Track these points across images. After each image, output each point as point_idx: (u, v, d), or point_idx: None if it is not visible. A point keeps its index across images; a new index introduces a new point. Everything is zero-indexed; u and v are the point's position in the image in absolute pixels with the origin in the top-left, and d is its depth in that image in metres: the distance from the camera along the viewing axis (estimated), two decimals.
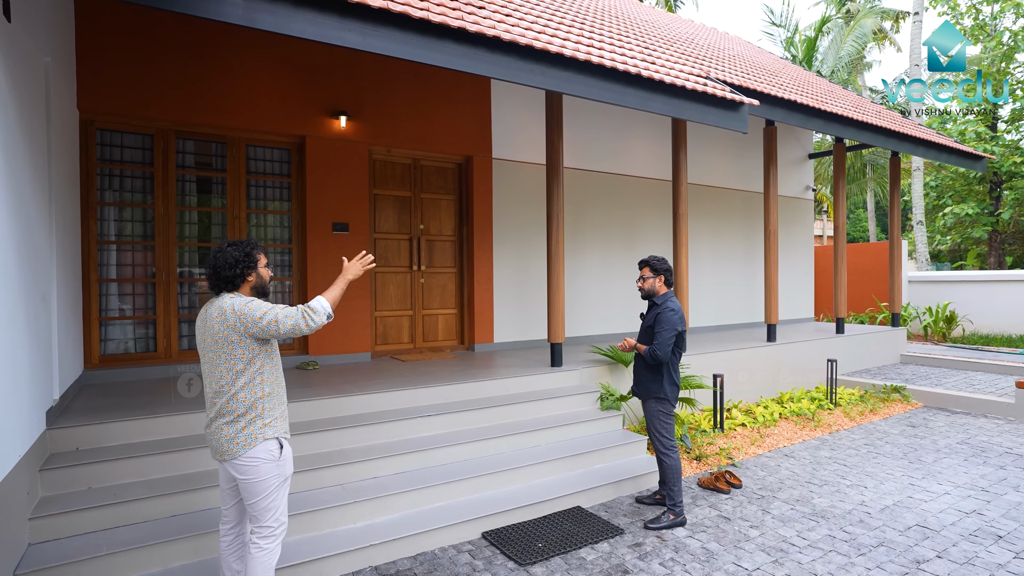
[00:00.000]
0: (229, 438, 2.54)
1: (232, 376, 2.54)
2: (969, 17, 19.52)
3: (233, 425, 2.54)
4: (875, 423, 6.67)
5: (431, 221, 7.14)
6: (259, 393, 2.59)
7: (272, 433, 2.61)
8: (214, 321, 2.53)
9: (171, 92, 5.42)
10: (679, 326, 3.96)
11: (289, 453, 2.69)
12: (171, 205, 5.60)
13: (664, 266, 4.14)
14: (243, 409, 2.55)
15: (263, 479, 2.57)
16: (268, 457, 2.57)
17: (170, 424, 3.94)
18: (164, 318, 5.57)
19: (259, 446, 2.55)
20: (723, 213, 9.74)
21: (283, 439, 2.67)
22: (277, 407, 2.67)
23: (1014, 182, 17.16)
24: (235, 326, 2.51)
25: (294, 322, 2.54)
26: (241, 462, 2.53)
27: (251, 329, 2.51)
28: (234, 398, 2.55)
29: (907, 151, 8.47)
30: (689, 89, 5.07)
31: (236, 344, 2.53)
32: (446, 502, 4.02)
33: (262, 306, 2.55)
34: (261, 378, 2.60)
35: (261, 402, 2.59)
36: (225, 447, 2.55)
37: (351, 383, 5.09)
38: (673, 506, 3.99)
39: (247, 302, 2.54)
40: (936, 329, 11.93)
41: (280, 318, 2.53)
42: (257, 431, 2.57)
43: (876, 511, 4.20)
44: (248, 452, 2.53)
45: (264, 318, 2.51)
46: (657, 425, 4.08)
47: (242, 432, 2.54)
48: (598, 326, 8.24)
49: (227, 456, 2.54)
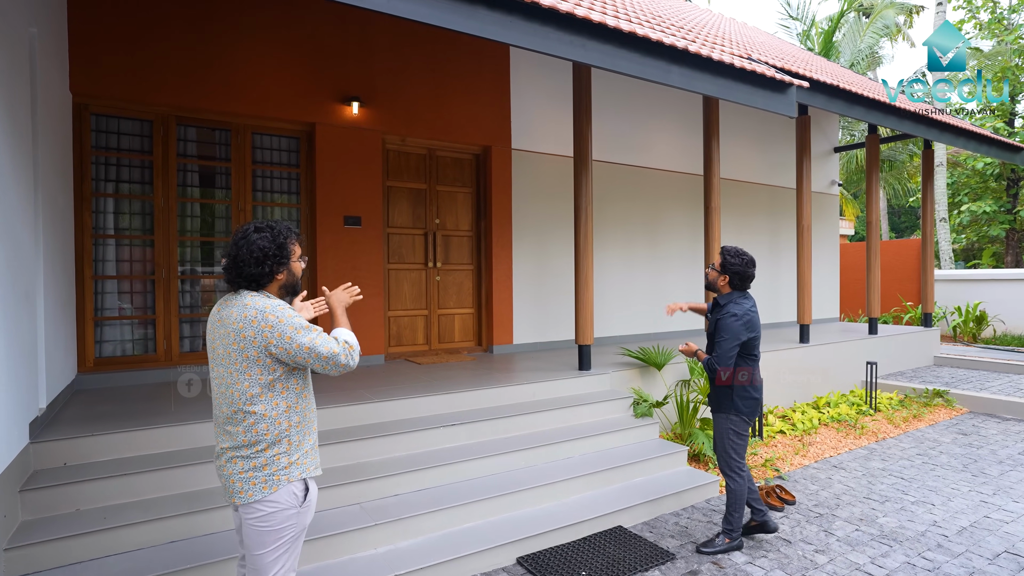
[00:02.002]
0: (244, 476, 2.03)
1: (248, 399, 2.03)
2: (986, 11, 19.09)
3: (249, 461, 2.04)
4: (922, 430, 6.24)
5: (447, 215, 6.74)
6: (285, 423, 2.08)
7: (299, 473, 2.10)
8: (232, 328, 2.01)
9: (172, 75, 5.03)
10: (743, 334, 3.42)
11: (315, 495, 2.18)
12: (171, 196, 5.20)
13: (735, 267, 3.48)
14: (264, 444, 2.04)
15: (276, 528, 2.05)
16: (289, 504, 2.07)
17: (170, 436, 3.54)
18: (164, 318, 5.17)
19: (281, 490, 2.05)
20: (748, 208, 9.32)
21: (311, 480, 2.16)
22: (307, 438, 2.16)
23: None
24: (255, 339, 2.00)
25: (331, 351, 2.03)
26: (256, 505, 2.03)
27: (276, 347, 2.00)
28: (252, 428, 2.03)
29: (947, 141, 8.04)
30: (737, 68, 4.65)
31: (253, 362, 2.02)
32: (475, 523, 3.61)
33: (295, 321, 2.02)
34: (287, 403, 2.09)
35: (287, 434, 2.08)
36: (238, 487, 2.03)
37: (366, 388, 4.69)
38: (730, 530, 3.55)
39: (278, 311, 2.01)
40: (966, 330, 11.48)
41: (319, 346, 2.01)
42: (280, 471, 2.05)
43: (953, 533, 3.78)
44: (268, 496, 2.03)
45: (296, 339, 1.99)
46: (724, 443, 3.55)
47: (261, 470, 2.03)
48: (620, 327, 7.83)
49: (239, 499, 2.03)
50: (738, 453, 3.52)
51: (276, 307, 2.04)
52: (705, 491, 4.37)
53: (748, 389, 3.49)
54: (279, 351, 2.01)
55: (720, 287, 3.58)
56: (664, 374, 5.68)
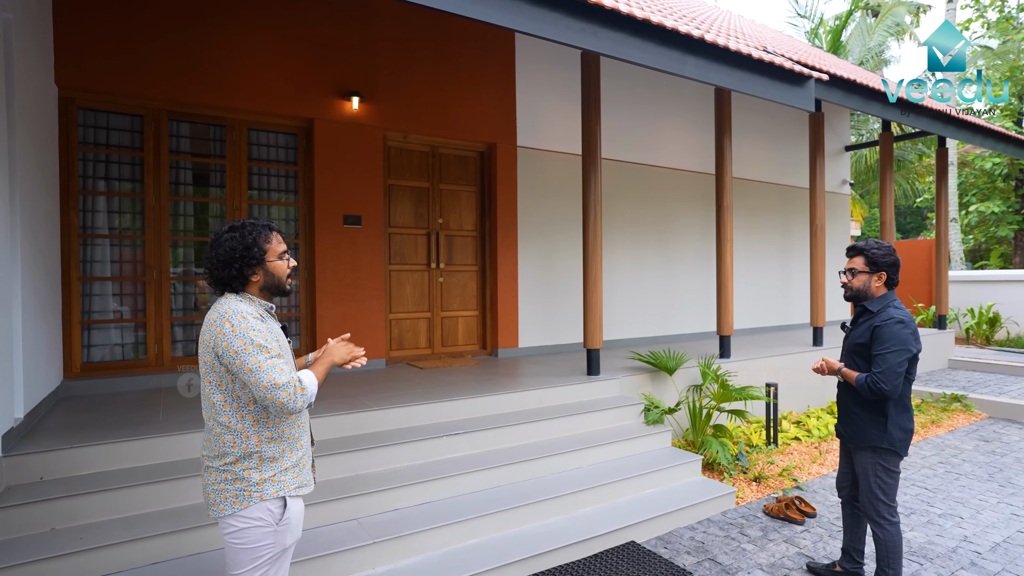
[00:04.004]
0: (216, 488, 1.88)
1: (212, 406, 1.89)
2: (994, 10, 18.85)
3: (221, 473, 1.88)
4: (942, 437, 6.01)
5: (451, 214, 6.53)
6: (254, 438, 1.90)
7: (275, 491, 1.91)
8: (202, 331, 1.92)
9: (163, 69, 4.83)
10: (913, 346, 2.77)
11: (297, 514, 2.00)
12: (163, 194, 5.00)
13: (888, 259, 2.90)
14: (232, 457, 1.88)
15: (251, 547, 1.88)
16: (264, 521, 1.90)
17: (156, 447, 3.34)
18: (155, 321, 4.97)
19: (253, 507, 1.88)
20: (758, 208, 9.10)
21: (291, 497, 1.97)
22: (288, 455, 1.97)
23: None
24: (210, 344, 1.86)
25: (273, 383, 1.79)
26: (228, 520, 1.88)
27: (222, 357, 1.84)
28: (219, 439, 1.88)
29: (964, 138, 7.82)
30: (755, 59, 4.44)
31: (210, 368, 1.89)
32: (480, 539, 3.40)
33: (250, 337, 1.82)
34: (255, 417, 1.91)
35: (258, 450, 1.91)
36: (211, 498, 1.89)
37: (365, 395, 4.49)
38: None
39: (236, 320, 1.83)
40: (979, 332, 11.23)
41: (262, 372, 1.79)
42: (252, 487, 1.88)
43: (986, 550, 3.56)
44: (238, 512, 1.87)
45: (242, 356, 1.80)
46: (874, 484, 2.87)
47: (232, 484, 1.87)
48: (629, 329, 7.62)
49: (212, 511, 1.89)
50: (888, 495, 2.87)
51: (237, 314, 1.86)
52: (721, 503, 4.15)
53: (904, 417, 2.86)
54: (226, 363, 1.85)
55: (875, 290, 2.94)
56: (676, 379, 5.47)
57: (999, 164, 17.26)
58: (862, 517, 3.10)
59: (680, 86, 7.85)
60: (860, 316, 3.01)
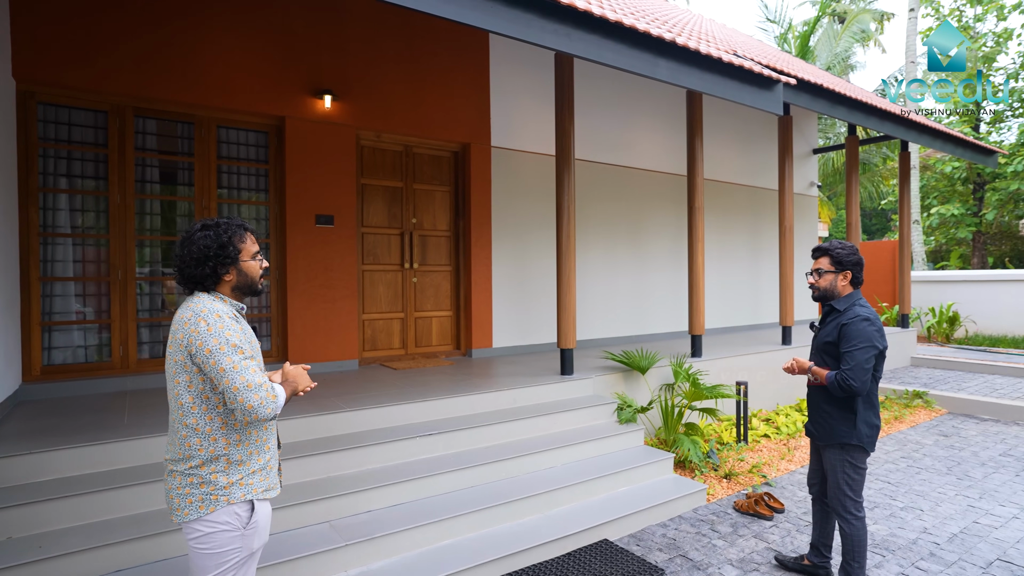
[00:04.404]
0: (180, 493, 1.84)
1: (180, 408, 1.85)
2: (953, 19, 19.52)
3: (186, 477, 1.85)
4: (905, 432, 6.20)
5: (424, 214, 6.50)
6: (222, 440, 1.87)
7: (243, 495, 1.89)
8: (172, 329, 1.87)
9: (129, 63, 4.71)
10: (879, 342, 2.84)
11: (265, 517, 1.97)
12: (129, 193, 4.88)
13: (853, 258, 2.99)
14: (198, 460, 1.85)
15: (217, 552, 1.85)
16: (231, 526, 1.87)
17: (121, 451, 3.26)
18: (120, 322, 4.84)
19: (220, 511, 1.85)
20: (729, 209, 9.26)
21: (259, 500, 1.94)
22: (255, 457, 1.95)
23: (997, 183, 17.13)
24: (183, 343, 1.82)
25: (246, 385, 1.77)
26: (193, 525, 1.84)
27: (195, 356, 1.81)
28: (185, 442, 1.85)
29: (925, 143, 8.08)
30: (725, 62, 4.52)
31: (181, 367, 1.84)
32: (454, 539, 3.40)
33: (225, 337, 1.80)
34: (224, 419, 1.88)
35: (225, 452, 1.88)
36: (175, 503, 1.85)
37: (338, 396, 4.44)
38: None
39: (212, 319, 1.81)
40: (940, 330, 11.62)
41: (236, 373, 1.77)
42: (219, 491, 1.85)
43: (944, 541, 3.69)
44: (204, 517, 1.84)
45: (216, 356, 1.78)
46: (842, 480, 2.95)
47: (198, 488, 1.84)
48: (602, 329, 7.68)
49: (176, 516, 1.85)
50: (855, 491, 2.95)
51: (212, 314, 1.83)
52: (692, 500, 4.22)
53: (872, 414, 2.94)
54: (199, 362, 1.81)
55: (841, 289, 3.02)
56: (648, 378, 5.53)
57: (958, 168, 17.88)
58: (831, 513, 3.17)
59: (653, 88, 7.95)
60: (828, 315, 3.08)
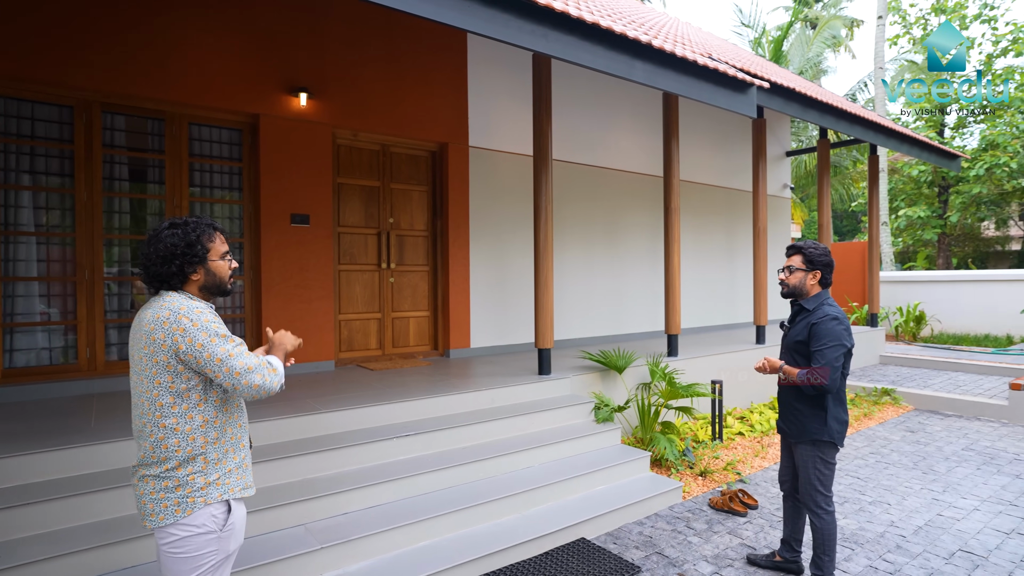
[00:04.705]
0: (155, 497, 1.80)
1: (157, 409, 1.81)
2: (918, 27, 20.11)
3: (161, 480, 1.81)
4: (873, 429, 6.36)
5: (402, 214, 6.46)
6: (201, 439, 1.85)
7: (219, 495, 1.86)
8: (145, 330, 1.80)
9: (96, 57, 4.59)
10: (847, 341, 2.91)
11: (241, 519, 1.95)
12: (96, 190, 4.75)
13: (824, 259, 3.04)
14: (176, 461, 1.81)
15: (193, 555, 1.81)
16: (207, 528, 1.83)
17: (87, 456, 3.17)
18: (87, 323, 4.72)
19: (197, 513, 1.82)
20: (704, 210, 9.40)
21: (235, 500, 1.92)
22: (230, 456, 1.93)
23: (960, 186, 17.69)
24: (164, 343, 1.78)
25: (245, 367, 1.81)
26: (168, 529, 1.80)
27: (185, 353, 1.78)
28: (162, 443, 1.81)
29: (893, 147, 8.30)
30: (700, 65, 4.58)
31: (164, 368, 1.80)
32: (431, 540, 3.38)
33: (211, 328, 1.81)
34: (204, 417, 1.86)
35: (203, 451, 1.85)
36: (149, 508, 1.81)
37: (314, 398, 4.39)
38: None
39: (195, 315, 1.80)
40: (907, 329, 11.95)
41: (234, 359, 1.80)
42: (196, 492, 1.82)
43: (910, 533, 3.79)
44: (180, 520, 1.80)
45: (209, 348, 1.78)
46: (812, 475, 3.01)
47: (174, 491, 1.80)
48: (580, 329, 7.73)
49: (150, 522, 1.81)
50: (825, 485, 3.01)
51: (193, 309, 1.82)
52: (669, 498, 4.27)
53: (841, 410, 3.01)
54: (189, 359, 1.79)
55: (810, 288, 3.08)
56: (625, 377, 5.58)
57: (924, 171, 18.40)
58: (802, 509, 3.24)
59: (630, 90, 8.03)
60: (797, 315, 3.14)
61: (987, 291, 11.56)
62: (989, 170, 16.35)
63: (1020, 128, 16.60)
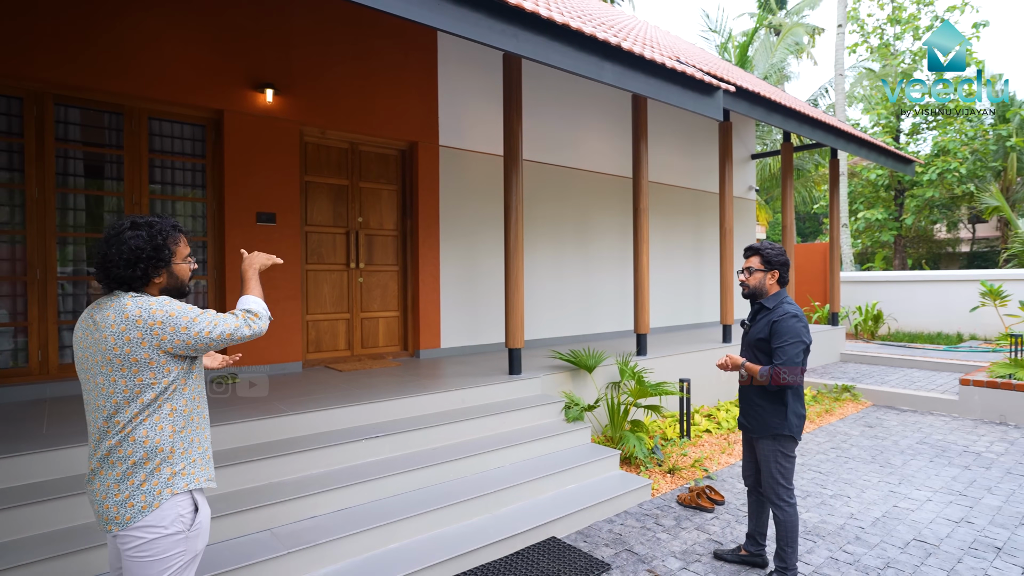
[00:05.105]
0: (119, 500, 1.76)
1: (126, 406, 1.77)
2: (875, 37, 20.85)
3: (126, 481, 1.76)
4: (834, 424, 6.56)
5: (371, 213, 6.39)
6: (168, 428, 1.83)
7: (185, 484, 1.84)
8: (110, 331, 1.75)
9: (47, 46, 4.40)
10: (806, 337, 2.99)
11: (207, 517, 1.93)
12: (48, 187, 4.56)
13: (781, 258, 3.14)
14: (142, 454, 1.78)
15: (160, 558, 1.78)
16: (175, 527, 1.80)
17: (40, 463, 3.04)
18: (39, 325, 4.53)
19: (164, 506, 1.78)
20: (672, 211, 9.55)
21: (198, 495, 1.90)
22: (195, 446, 1.91)
23: (914, 190, 18.41)
24: (143, 340, 1.76)
25: (232, 327, 1.89)
26: (135, 532, 1.75)
27: (171, 342, 1.80)
28: (129, 438, 1.77)
29: (852, 151, 8.58)
30: (668, 68, 4.65)
31: (146, 365, 1.78)
32: (401, 543, 3.35)
33: (185, 309, 1.84)
34: (172, 406, 1.85)
35: (170, 441, 1.83)
36: (112, 512, 1.76)
37: (280, 400, 4.30)
38: (784, 569, 3.07)
39: (165, 306, 1.81)
40: (865, 328, 12.35)
41: (216, 327, 1.87)
42: (163, 482, 1.80)
43: (868, 525, 3.92)
44: (147, 516, 1.76)
45: (192, 327, 1.82)
46: (774, 469, 3.09)
47: (139, 487, 1.77)
48: (550, 328, 7.76)
49: (115, 525, 1.76)
50: (787, 478, 3.10)
51: (161, 302, 1.82)
52: (638, 495, 4.32)
53: (799, 404, 3.09)
54: (177, 345, 1.81)
55: (769, 287, 3.17)
56: (595, 377, 5.63)
57: (882, 175, 19.08)
58: (766, 504, 3.31)
59: (599, 92, 8.10)
60: (758, 313, 3.21)
61: (940, 291, 12.04)
62: (941, 175, 17.05)
63: (968, 135, 17.37)
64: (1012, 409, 6.49)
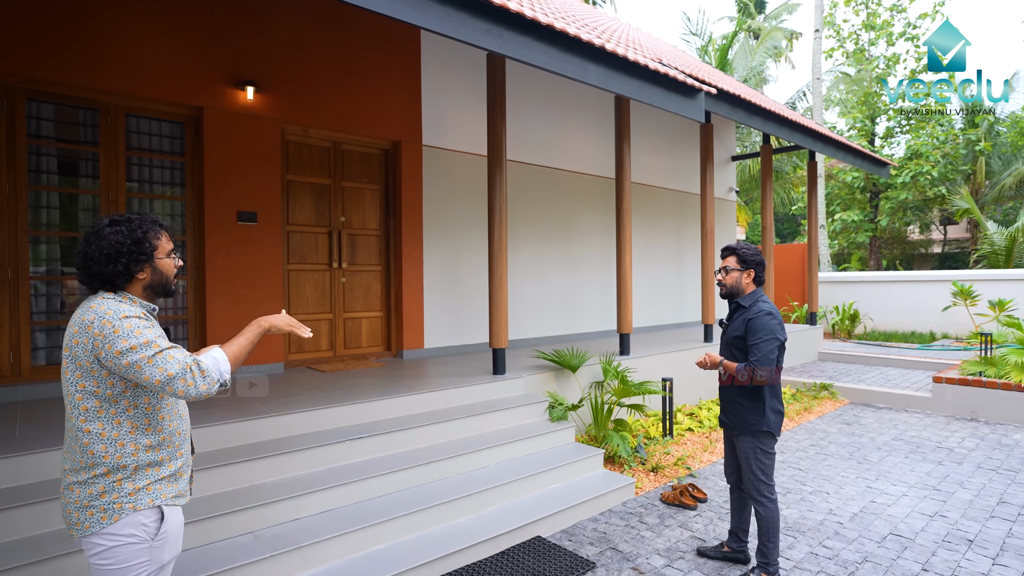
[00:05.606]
0: (79, 506, 1.71)
1: (82, 414, 1.72)
2: (851, 42, 21.27)
3: (86, 488, 1.72)
4: (813, 422, 6.67)
5: (354, 213, 6.34)
6: (131, 446, 1.76)
7: (149, 500, 1.77)
8: (71, 332, 1.74)
9: (18, 39, 4.29)
10: (780, 334, 3.05)
11: (176, 527, 1.86)
12: (20, 184, 4.45)
13: (756, 258, 3.21)
14: (103, 468, 1.72)
15: (122, 567, 1.72)
16: (137, 538, 1.74)
17: (11, 468, 2.96)
18: (11, 326, 4.41)
19: (124, 520, 1.72)
20: (654, 212, 9.63)
21: (167, 507, 1.83)
22: (166, 464, 1.83)
23: (889, 192, 18.83)
24: (86, 347, 1.70)
25: (167, 377, 1.70)
26: (94, 539, 1.71)
27: (106, 359, 1.69)
28: (88, 450, 1.72)
29: (830, 153, 8.74)
30: (652, 70, 4.69)
31: (88, 372, 1.72)
32: (385, 544, 3.33)
33: (133, 334, 1.69)
34: (133, 423, 1.77)
35: (134, 459, 1.76)
36: (74, 517, 1.72)
37: (262, 401, 4.25)
38: (766, 564, 3.11)
39: (117, 321, 1.69)
40: (842, 327, 12.58)
41: (148, 366, 1.69)
42: (124, 498, 1.73)
43: (847, 520, 4.00)
44: (106, 528, 1.71)
45: (127, 356, 1.68)
46: (755, 466, 3.14)
47: (99, 498, 1.71)
48: (534, 328, 7.77)
49: (76, 531, 1.72)
50: (767, 474, 3.15)
51: (118, 315, 1.72)
52: (622, 494, 4.35)
53: (776, 401, 3.14)
54: (109, 365, 1.71)
55: (745, 286, 3.23)
56: (579, 376, 5.65)
57: (858, 178, 19.47)
58: (748, 501, 3.36)
59: (583, 93, 8.14)
60: (735, 312, 3.28)
61: (913, 291, 12.32)
62: (914, 177, 17.45)
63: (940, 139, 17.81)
64: (983, 406, 6.66)
